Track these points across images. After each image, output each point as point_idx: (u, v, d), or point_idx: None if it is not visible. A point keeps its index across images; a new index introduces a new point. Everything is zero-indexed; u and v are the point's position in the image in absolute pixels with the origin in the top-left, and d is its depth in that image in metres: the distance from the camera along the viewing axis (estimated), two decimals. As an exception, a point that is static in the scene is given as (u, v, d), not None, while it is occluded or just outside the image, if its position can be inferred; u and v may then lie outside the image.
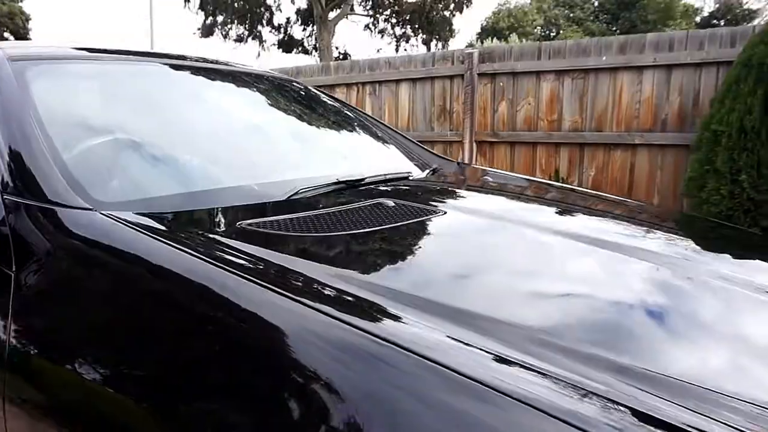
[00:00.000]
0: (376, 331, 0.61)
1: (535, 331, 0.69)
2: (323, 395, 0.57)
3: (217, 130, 1.48)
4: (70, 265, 0.89)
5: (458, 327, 0.65)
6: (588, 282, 0.94)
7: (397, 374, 0.56)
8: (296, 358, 0.62)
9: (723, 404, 0.57)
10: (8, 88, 1.17)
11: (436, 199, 1.28)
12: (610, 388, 0.55)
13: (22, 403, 0.84)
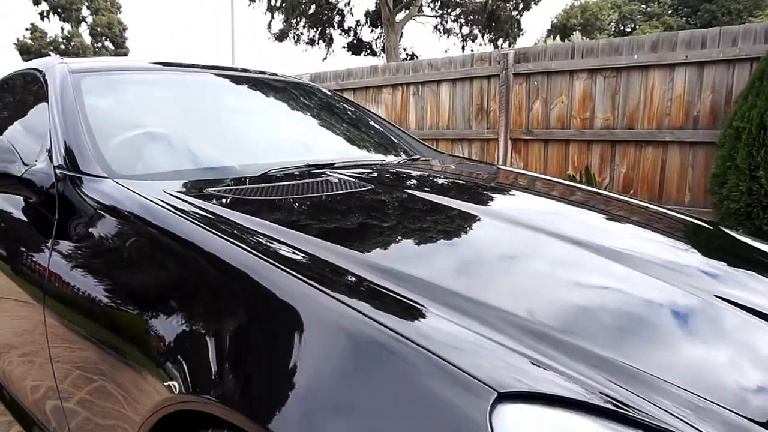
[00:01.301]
0: (270, 255, 0.91)
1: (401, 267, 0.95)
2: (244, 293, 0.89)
3: (224, 124, 1.84)
4: (91, 217, 1.26)
5: (337, 253, 0.94)
6: (472, 244, 1.18)
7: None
8: (221, 260, 0.94)
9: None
10: (67, 94, 1.58)
11: (379, 178, 1.55)
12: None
13: (57, 308, 1.22)
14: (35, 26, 38.30)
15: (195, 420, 0.88)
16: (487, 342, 0.74)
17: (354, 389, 0.70)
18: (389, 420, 0.66)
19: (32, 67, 1.94)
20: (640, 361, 0.78)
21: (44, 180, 1.37)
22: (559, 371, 0.71)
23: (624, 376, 0.74)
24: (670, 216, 1.71)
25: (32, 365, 1.39)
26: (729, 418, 0.71)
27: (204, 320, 0.90)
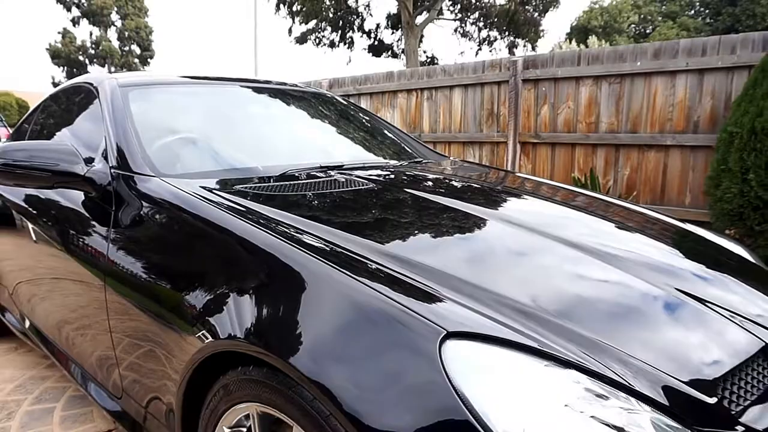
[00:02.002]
0: (288, 242, 1.16)
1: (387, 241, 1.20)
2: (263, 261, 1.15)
3: (250, 130, 2.11)
4: (140, 208, 1.53)
5: (344, 236, 1.18)
6: (458, 234, 1.42)
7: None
8: (241, 238, 1.20)
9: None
10: (117, 105, 1.87)
11: (382, 179, 1.79)
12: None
13: (117, 286, 1.49)
14: (66, 31, 39.50)
15: (226, 363, 1.13)
16: (450, 301, 0.98)
17: (347, 334, 0.95)
18: (372, 352, 0.91)
19: (84, 81, 2.24)
20: (593, 329, 0.99)
21: (102, 178, 1.65)
22: (504, 323, 0.94)
23: (566, 334, 0.95)
24: (649, 216, 1.89)
25: (94, 334, 1.67)
26: (656, 375, 0.92)
27: (234, 287, 1.16)
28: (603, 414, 0.83)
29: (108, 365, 1.61)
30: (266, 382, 1.03)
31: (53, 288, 1.92)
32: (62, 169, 1.62)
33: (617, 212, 1.88)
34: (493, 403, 0.81)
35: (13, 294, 2.30)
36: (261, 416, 1.07)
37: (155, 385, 1.39)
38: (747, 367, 1.03)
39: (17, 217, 2.20)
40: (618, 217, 1.80)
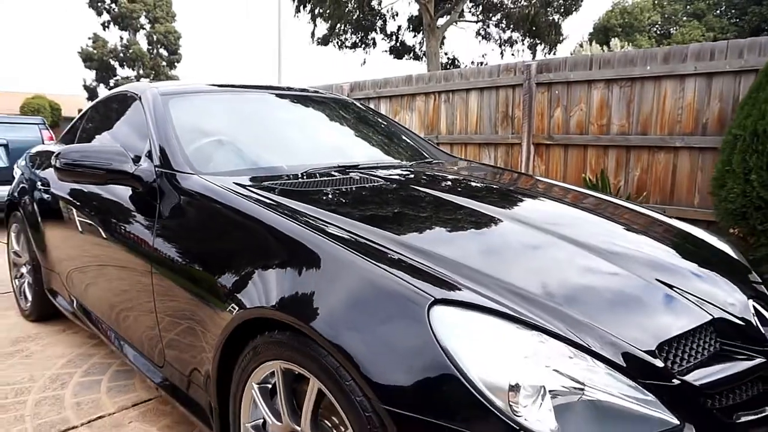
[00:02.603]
0: (308, 228, 1.38)
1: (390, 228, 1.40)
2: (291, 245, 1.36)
3: (276, 133, 2.35)
4: (181, 201, 1.77)
5: (359, 225, 1.39)
6: (457, 224, 1.62)
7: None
8: (269, 226, 1.42)
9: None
10: (160, 111, 2.12)
11: (394, 177, 2.00)
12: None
13: (160, 270, 1.73)
14: (97, 36, 40.62)
15: (254, 331, 1.35)
16: (443, 277, 1.17)
17: (357, 304, 1.16)
18: (377, 318, 1.11)
19: (128, 90, 2.51)
20: (570, 306, 1.16)
21: (148, 175, 1.90)
22: (490, 296, 1.13)
23: (545, 309, 1.13)
24: (644, 214, 2.02)
25: (139, 313, 1.91)
26: (614, 341, 1.09)
27: (263, 267, 1.38)
28: (564, 367, 1.02)
29: (152, 340, 1.86)
30: (289, 343, 1.24)
31: (103, 273, 2.17)
32: (114, 167, 1.87)
33: (611, 209, 2.04)
34: (469, 355, 1.01)
35: (65, 280, 2.57)
36: (284, 372, 1.29)
37: (194, 355, 1.62)
38: (693, 337, 1.20)
39: (69, 211, 2.46)
40: (612, 214, 1.96)
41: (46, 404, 2.13)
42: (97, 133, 2.65)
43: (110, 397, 2.19)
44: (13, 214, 3.14)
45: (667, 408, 1.03)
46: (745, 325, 1.29)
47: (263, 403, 1.37)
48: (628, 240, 1.65)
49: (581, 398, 1.00)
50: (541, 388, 0.98)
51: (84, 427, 1.96)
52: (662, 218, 2.06)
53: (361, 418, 1.07)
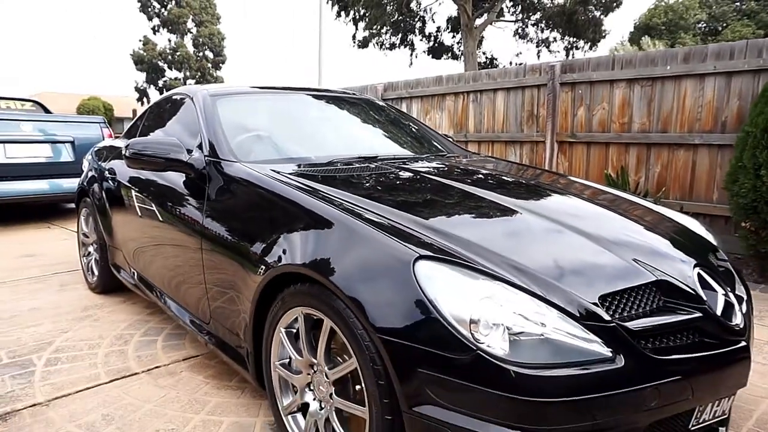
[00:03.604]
0: (320, 201, 1.70)
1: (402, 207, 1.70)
2: (312, 218, 1.69)
3: (307, 128, 2.68)
4: (227, 186, 2.12)
5: (365, 201, 1.70)
6: (464, 208, 1.90)
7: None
8: (299, 204, 1.74)
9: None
10: (209, 110, 2.48)
11: (410, 167, 2.30)
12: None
13: (209, 245, 2.08)
14: (147, 39, 42.42)
15: (282, 286, 1.67)
16: (428, 239, 1.47)
17: (364, 263, 1.47)
18: (379, 273, 1.41)
19: (181, 92, 2.89)
20: (540, 269, 1.44)
21: (199, 163, 2.26)
22: (460, 253, 1.42)
23: (518, 269, 1.40)
24: (636, 203, 2.22)
25: (191, 281, 2.27)
26: (567, 294, 1.35)
27: (294, 234, 1.70)
28: (521, 310, 1.30)
29: (201, 302, 2.21)
30: (309, 293, 1.56)
31: (160, 248, 2.56)
32: (172, 156, 2.24)
33: (609, 199, 2.26)
34: (442, 296, 1.30)
35: (128, 256, 2.99)
36: (305, 316, 1.61)
37: (234, 312, 1.96)
38: (639, 294, 1.45)
39: (131, 196, 2.87)
40: (608, 203, 2.15)
41: (113, 356, 2.53)
42: (156, 128, 3.05)
43: (164, 353, 2.57)
44: (83, 200, 3.60)
45: (604, 344, 1.29)
46: (688, 288, 1.52)
47: (289, 344, 1.69)
48: (613, 223, 1.86)
49: (533, 334, 1.27)
50: (498, 324, 1.26)
51: (144, 374, 2.34)
52: (653, 207, 2.26)
53: (361, 346, 1.38)
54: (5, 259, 4.51)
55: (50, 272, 4.06)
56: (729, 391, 1.50)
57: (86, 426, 1.93)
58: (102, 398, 2.13)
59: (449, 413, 1.25)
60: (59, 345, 2.66)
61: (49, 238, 5.43)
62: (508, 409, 1.20)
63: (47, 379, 2.29)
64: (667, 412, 1.35)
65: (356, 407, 1.46)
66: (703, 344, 1.43)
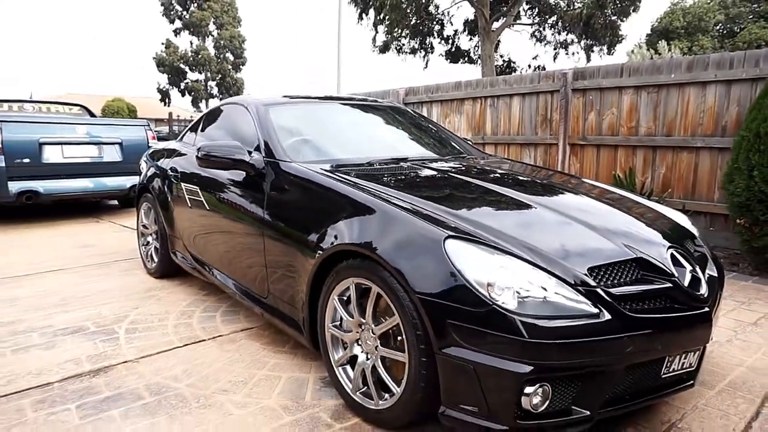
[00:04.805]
0: (361, 194, 2.11)
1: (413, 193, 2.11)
2: (358, 207, 2.11)
3: (346, 133, 3.11)
4: (284, 182, 2.54)
5: (408, 196, 2.11)
6: (484, 199, 2.30)
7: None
8: (347, 195, 2.16)
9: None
10: (264, 117, 2.92)
11: (435, 167, 2.70)
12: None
13: (269, 233, 2.51)
14: (170, 42, 43.38)
15: (337, 261, 2.08)
16: (454, 222, 1.87)
17: (405, 241, 1.87)
18: (418, 249, 1.82)
19: (236, 101, 3.34)
20: (549, 250, 1.85)
21: (258, 163, 2.69)
22: (480, 234, 1.82)
23: (531, 249, 1.80)
24: (629, 199, 2.62)
25: (253, 264, 2.70)
26: (566, 267, 1.75)
27: (345, 220, 2.11)
28: (528, 277, 1.70)
29: (260, 280, 2.64)
30: (359, 266, 1.97)
31: (222, 236, 2.99)
32: (237, 157, 2.68)
33: (611, 197, 2.62)
34: (467, 266, 1.70)
35: (186, 243, 3.44)
36: (356, 285, 2.02)
37: (290, 286, 2.38)
38: (621, 268, 1.83)
39: (191, 191, 3.31)
40: (609, 199, 2.53)
41: (181, 327, 2.97)
42: (213, 133, 3.50)
43: (224, 325, 3.01)
44: (144, 195, 4.06)
45: (591, 305, 1.68)
46: (662, 265, 1.90)
47: (341, 308, 2.11)
48: (611, 216, 2.22)
49: (536, 296, 1.67)
50: (509, 287, 1.66)
51: (210, 341, 2.78)
52: (648, 203, 2.63)
53: (403, 306, 1.78)
54: (67, 249, 5.01)
55: (109, 260, 4.54)
56: (693, 345, 1.88)
57: (171, 378, 2.37)
58: (179, 358, 2.57)
59: (470, 352, 1.65)
60: (134, 318, 3.12)
61: (99, 231, 5.94)
62: (515, 348, 1.60)
63: (131, 343, 2.74)
64: (641, 357, 1.74)
65: (398, 354, 1.87)
66: (672, 308, 1.81)
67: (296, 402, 2.16)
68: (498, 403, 1.65)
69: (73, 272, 4.16)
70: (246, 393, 2.23)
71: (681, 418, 2.06)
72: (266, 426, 1.98)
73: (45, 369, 2.45)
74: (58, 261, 4.52)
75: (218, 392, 2.24)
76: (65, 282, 3.88)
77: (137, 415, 2.05)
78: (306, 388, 2.28)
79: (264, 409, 2.10)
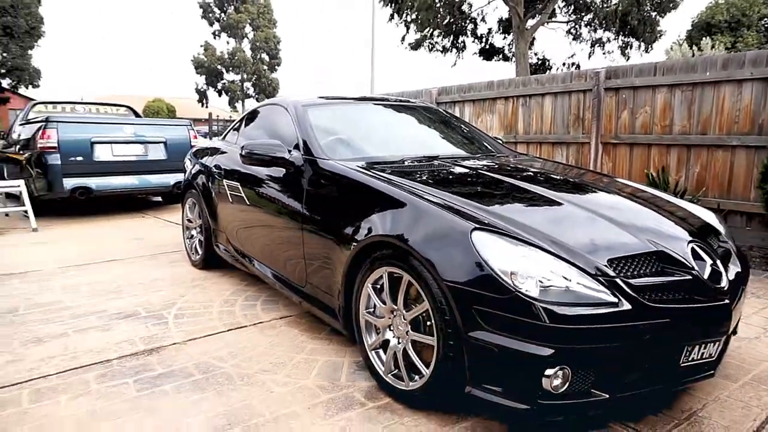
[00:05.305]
0: (393, 187, 2.25)
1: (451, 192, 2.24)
2: (392, 203, 2.25)
3: (380, 132, 3.26)
4: (322, 178, 2.71)
5: (438, 191, 2.24)
6: (510, 194, 2.41)
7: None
8: (380, 191, 2.30)
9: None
10: (302, 117, 3.09)
11: (465, 164, 2.82)
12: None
13: (308, 226, 2.68)
14: (208, 44, 44.49)
15: (371, 252, 2.23)
16: (480, 215, 1.99)
17: (434, 232, 2.01)
18: (447, 240, 1.95)
19: (276, 102, 3.53)
20: (575, 243, 1.96)
21: (298, 160, 2.86)
22: (504, 227, 1.94)
23: (555, 242, 1.91)
24: (665, 200, 2.68)
25: (291, 255, 2.88)
26: (589, 260, 1.86)
27: (379, 213, 2.26)
28: (550, 267, 1.81)
29: (299, 270, 2.81)
30: (392, 255, 2.12)
31: (263, 229, 3.18)
32: (277, 155, 2.86)
33: (640, 195, 2.69)
34: (492, 255, 1.82)
35: (229, 236, 3.65)
36: (389, 274, 2.17)
37: (327, 276, 2.54)
38: (641, 260, 1.92)
39: (234, 187, 3.52)
40: (638, 198, 2.61)
41: (224, 314, 3.18)
42: (254, 132, 3.70)
43: (264, 313, 3.20)
44: (188, 191, 4.31)
45: (610, 294, 1.78)
46: (682, 258, 1.98)
47: (375, 296, 2.26)
48: (639, 213, 2.30)
49: (558, 286, 1.78)
50: (532, 276, 1.77)
51: (251, 327, 2.97)
52: (676, 201, 2.69)
53: (432, 293, 1.92)
54: (120, 241, 5.33)
55: (156, 252, 4.82)
56: (712, 336, 1.95)
57: (217, 359, 2.56)
58: (224, 341, 2.77)
59: (494, 336, 1.77)
60: (181, 305, 3.34)
61: (147, 226, 6.27)
62: (536, 332, 1.71)
63: (179, 327, 2.96)
64: (659, 345, 1.83)
65: (427, 338, 2.01)
66: (690, 299, 1.89)
67: (332, 383, 2.32)
68: (520, 384, 1.77)
69: (125, 263, 4.44)
70: (286, 374, 2.41)
71: (702, 408, 2.13)
72: (305, 403, 2.14)
73: (104, 348, 2.68)
74: (111, 252, 4.82)
75: (260, 372, 2.42)
76: (118, 271, 4.16)
77: (188, 390, 2.24)
78: (341, 371, 2.43)
79: (302, 389, 2.27)
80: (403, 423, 2.00)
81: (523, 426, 2.00)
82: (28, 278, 3.97)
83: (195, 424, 1.99)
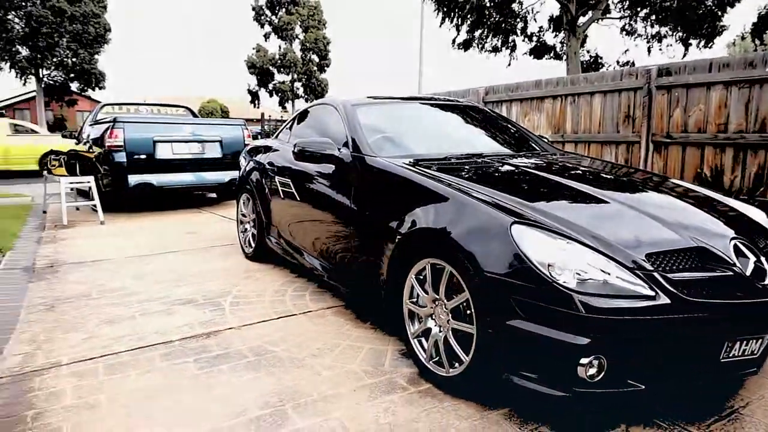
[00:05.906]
0: (440, 184, 2.35)
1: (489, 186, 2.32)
2: (435, 198, 2.36)
3: (426, 130, 3.36)
4: (369, 174, 2.83)
5: (481, 188, 2.33)
6: (556, 190, 2.47)
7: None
8: (424, 186, 2.41)
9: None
10: (351, 116, 3.23)
11: (509, 162, 2.89)
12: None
13: (358, 220, 2.81)
14: (260, 46, 45.69)
15: (414, 245, 2.34)
16: (520, 210, 2.07)
17: (476, 225, 2.10)
18: (487, 233, 2.04)
19: (326, 102, 3.69)
20: (616, 239, 2.02)
21: (347, 157, 3.00)
22: (541, 220, 2.01)
23: (595, 237, 1.97)
24: (714, 199, 2.64)
25: (342, 248, 3.03)
26: (628, 254, 1.90)
27: (424, 207, 2.37)
28: (587, 260, 1.87)
29: (347, 263, 2.95)
30: (435, 247, 2.22)
31: (314, 223, 3.34)
32: (327, 152, 3.01)
33: (690, 195, 2.67)
34: (530, 248, 1.90)
35: (281, 229, 3.84)
36: (431, 266, 2.27)
37: (373, 268, 2.67)
38: (682, 255, 1.95)
39: (286, 183, 3.70)
40: (687, 197, 2.59)
41: (276, 302, 3.36)
42: (305, 130, 3.88)
43: (312, 303, 3.37)
44: (243, 187, 4.54)
45: (648, 287, 1.82)
46: (723, 255, 1.99)
47: (418, 286, 2.36)
48: (685, 212, 2.29)
49: (594, 276, 1.83)
50: (569, 268, 1.84)
51: (300, 315, 3.14)
52: (725, 200, 2.66)
53: (471, 282, 2.01)
54: (177, 235, 5.66)
55: (212, 245, 5.09)
56: (753, 333, 1.95)
57: (269, 343, 2.74)
58: (275, 327, 2.94)
59: (532, 325, 1.85)
60: (235, 293, 3.55)
61: (202, 221, 6.60)
62: (572, 322, 1.78)
63: (234, 314, 3.16)
64: (697, 339, 1.85)
65: (467, 326, 2.10)
66: (731, 295, 1.91)
67: (376, 368, 2.44)
68: (556, 372, 1.84)
69: (185, 254, 4.73)
70: (333, 358, 2.55)
71: (745, 406, 2.13)
72: (350, 385, 2.28)
73: (167, 330, 2.91)
74: (171, 244, 5.13)
75: (309, 356, 2.57)
76: (179, 262, 4.44)
77: (243, 370, 2.42)
78: (385, 358, 2.56)
79: (348, 372, 2.40)
80: (443, 407, 2.10)
81: (558, 416, 2.06)
82: (99, 266, 4.30)
83: (251, 399, 2.16)
